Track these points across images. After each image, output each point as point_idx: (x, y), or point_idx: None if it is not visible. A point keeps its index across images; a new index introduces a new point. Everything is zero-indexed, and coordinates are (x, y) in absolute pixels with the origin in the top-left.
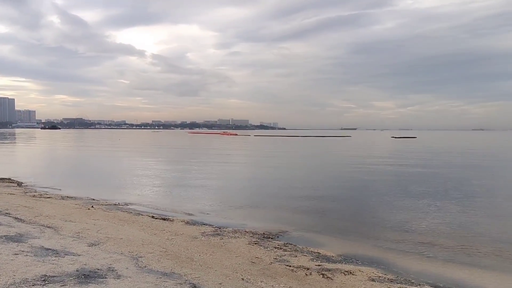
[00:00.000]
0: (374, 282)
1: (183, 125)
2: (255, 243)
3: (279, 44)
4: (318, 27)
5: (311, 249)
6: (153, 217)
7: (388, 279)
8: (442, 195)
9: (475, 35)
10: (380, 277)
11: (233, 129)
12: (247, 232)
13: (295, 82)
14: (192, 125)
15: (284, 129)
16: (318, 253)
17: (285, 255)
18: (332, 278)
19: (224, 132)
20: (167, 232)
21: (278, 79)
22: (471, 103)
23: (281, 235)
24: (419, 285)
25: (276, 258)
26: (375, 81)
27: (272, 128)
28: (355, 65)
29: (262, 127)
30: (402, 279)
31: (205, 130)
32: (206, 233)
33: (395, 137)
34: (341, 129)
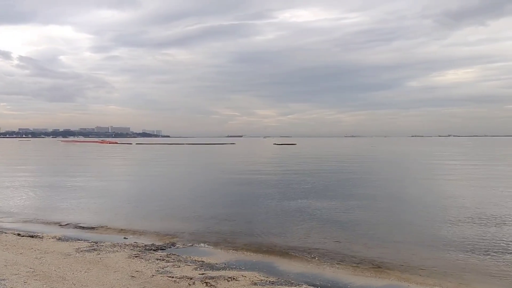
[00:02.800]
0: (256, 286)
1: (55, 133)
2: (136, 256)
3: (162, 50)
4: (201, 35)
5: (195, 258)
6: (19, 234)
7: (269, 281)
8: (321, 197)
9: (346, 49)
10: (262, 280)
11: (112, 137)
12: (127, 245)
13: (178, 89)
14: (66, 133)
15: (168, 136)
16: (202, 261)
17: (167, 266)
18: (216, 285)
19: (102, 140)
20: (35, 250)
21: (161, 86)
22: (343, 112)
23: (164, 246)
24: (298, 285)
25: (158, 270)
26: (257, 90)
27: (156, 136)
28: (238, 73)
29: (144, 134)
30: (282, 280)
31: (81, 138)
32: (81, 249)
33: (277, 144)
34: (228, 136)
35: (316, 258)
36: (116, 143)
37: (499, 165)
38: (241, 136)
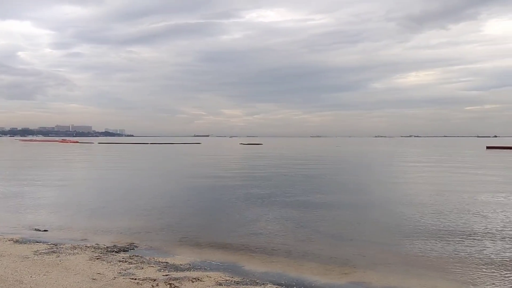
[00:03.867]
0: (221, 286)
1: (13, 132)
2: (97, 258)
3: (126, 48)
4: (166, 33)
5: (159, 259)
6: None
7: (234, 281)
8: (287, 197)
9: (312, 50)
10: (227, 280)
11: (74, 136)
12: (89, 247)
13: (143, 87)
14: (25, 132)
15: (132, 136)
16: (166, 262)
17: (130, 268)
18: (180, 286)
19: (63, 139)
20: None
21: (124, 84)
22: (310, 112)
23: (127, 247)
24: (263, 284)
25: (120, 272)
26: (224, 90)
27: (119, 135)
28: (204, 72)
29: (107, 134)
30: (248, 280)
31: (40, 137)
32: (40, 251)
33: (243, 144)
34: (194, 135)
35: (281, 257)
36: (78, 142)
37: (457, 165)
38: (207, 136)
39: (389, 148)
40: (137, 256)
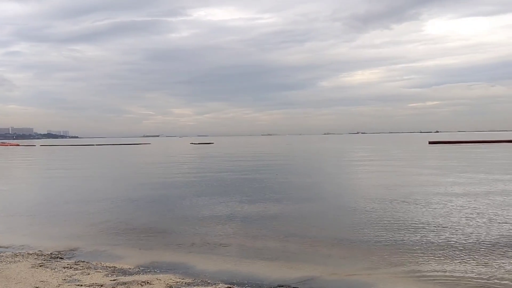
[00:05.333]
0: None
1: None
2: (40, 266)
3: (69, 46)
4: (111, 31)
5: (107, 264)
6: None
7: (185, 283)
8: (239, 195)
9: (261, 49)
10: (178, 282)
11: (14, 139)
12: (31, 254)
13: (88, 87)
14: None
15: (77, 137)
16: (114, 267)
17: (75, 274)
18: None
19: (2, 142)
20: None
21: (68, 84)
22: (260, 111)
23: (72, 253)
24: (215, 284)
25: (65, 279)
26: (173, 88)
27: (63, 136)
28: (152, 71)
29: (50, 135)
30: (199, 281)
31: None
32: None
33: (194, 143)
34: (144, 136)
35: (234, 256)
36: (18, 145)
37: (404, 159)
38: (158, 136)
39: (338, 145)
40: (83, 261)
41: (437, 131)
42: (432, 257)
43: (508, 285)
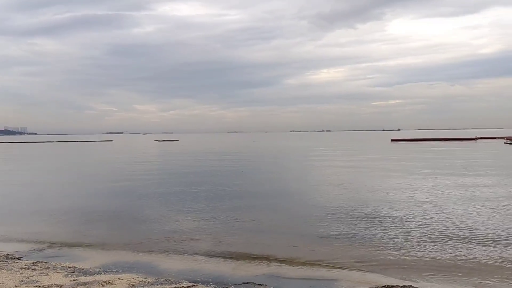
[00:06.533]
0: None
1: None
2: None
3: (28, 40)
4: (72, 25)
5: (66, 264)
6: None
7: (148, 282)
8: (203, 193)
9: (227, 46)
10: (140, 282)
11: None
12: None
13: (48, 82)
14: None
15: (36, 134)
16: (74, 267)
17: (34, 275)
18: None
19: None
20: None
21: (27, 78)
22: (226, 108)
23: (30, 253)
24: (178, 283)
25: (22, 280)
26: (136, 84)
27: (20, 133)
28: (115, 67)
29: (7, 132)
30: (162, 280)
31: None
32: None
33: (158, 140)
34: (107, 133)
35: (198, 254)
36: None
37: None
38: (121, 133)
39: (303, 143)
40: (42, 262)
41: (399, 129)
42: (391, 248)
43: (458, 265)
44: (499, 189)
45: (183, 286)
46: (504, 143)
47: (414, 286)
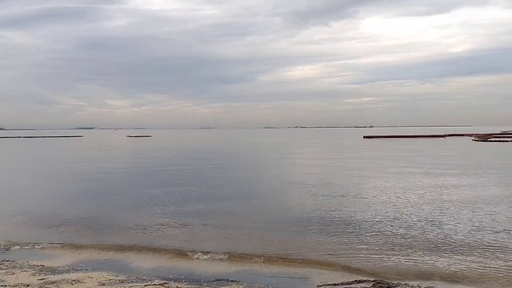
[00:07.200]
0: (104, 287)
1: None
2: None
3: None
4: (42, 17)
5: (34, 262)
6: None
7: (119, 280)
8: (175, 189)
9: (202, 41)
10: (111, 280)
11: None
12: None
13: (15, 76)
14: None
15: (2, 129)
16: (42, 266)
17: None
18: None
19: None
20: None
21: None
22: (200, 103)
23: None
24: (150, 280)
25: None
26: (108, 79)
27: None
28: (85, 61)
29: None
30: (133, 277)
31: None
32: None
33: (131, 136)
34: (77, 128)
35: (171, 252)
36: None
37: (339, 153)
38: (92, 128)
39: (277, 139)
40: (8, 260)
41: (372, 126)
42: (363, 243)
43: (428, 263)
44: (469, 187)
45: (155, 284)
46: (472, 140)
47: (385, 281)
